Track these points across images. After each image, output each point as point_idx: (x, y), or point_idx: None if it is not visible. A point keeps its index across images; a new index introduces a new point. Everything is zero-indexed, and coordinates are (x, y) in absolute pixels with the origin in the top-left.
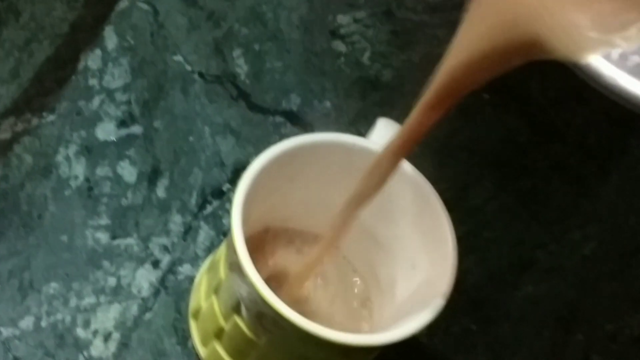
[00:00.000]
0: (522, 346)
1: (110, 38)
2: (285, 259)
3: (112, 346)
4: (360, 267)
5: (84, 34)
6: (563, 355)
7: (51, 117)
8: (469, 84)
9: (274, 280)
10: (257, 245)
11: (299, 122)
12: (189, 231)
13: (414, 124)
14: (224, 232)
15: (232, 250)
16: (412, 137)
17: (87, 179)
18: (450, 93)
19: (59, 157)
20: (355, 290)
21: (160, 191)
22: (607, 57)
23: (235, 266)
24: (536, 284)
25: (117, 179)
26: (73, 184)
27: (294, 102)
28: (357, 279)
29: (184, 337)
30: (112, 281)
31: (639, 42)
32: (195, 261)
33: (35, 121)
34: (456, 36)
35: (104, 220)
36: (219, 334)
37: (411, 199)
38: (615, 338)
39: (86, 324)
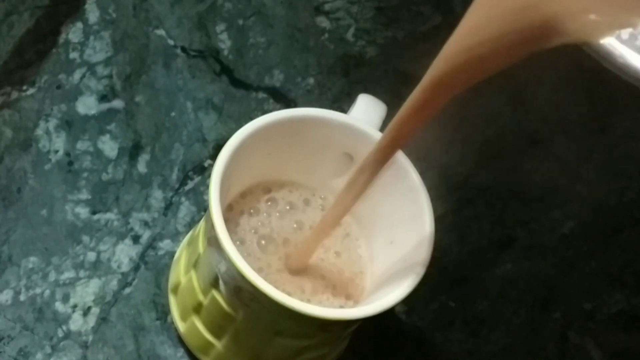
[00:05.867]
0: (500, 323)
1: (91, 11)
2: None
3: (91, 321)
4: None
5: (65, 6)
6: (540, 333)
7: (31, 91)
8: (466, 77)
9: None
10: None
11: (282, 99)
12: (169, 207)
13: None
14: (205, 208)
15: (210, 224)
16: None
17: (67, 153)
18: (447, 85)
19: (39, 131)
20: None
21: (141, 166)
22: (617, 37)
23: (213, 240)
24: (515, 262)
25: (98, 154)
26: (53, 158)
27: (277, 78)
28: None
29: (164, 312)
30: (91, 256)
31: None
32: (176, 237)
33: (15, 94)
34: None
35: (84, 195)
36: (197, 308)
37: (391, 176)
38: (592, 316)
39: (65, 299)
